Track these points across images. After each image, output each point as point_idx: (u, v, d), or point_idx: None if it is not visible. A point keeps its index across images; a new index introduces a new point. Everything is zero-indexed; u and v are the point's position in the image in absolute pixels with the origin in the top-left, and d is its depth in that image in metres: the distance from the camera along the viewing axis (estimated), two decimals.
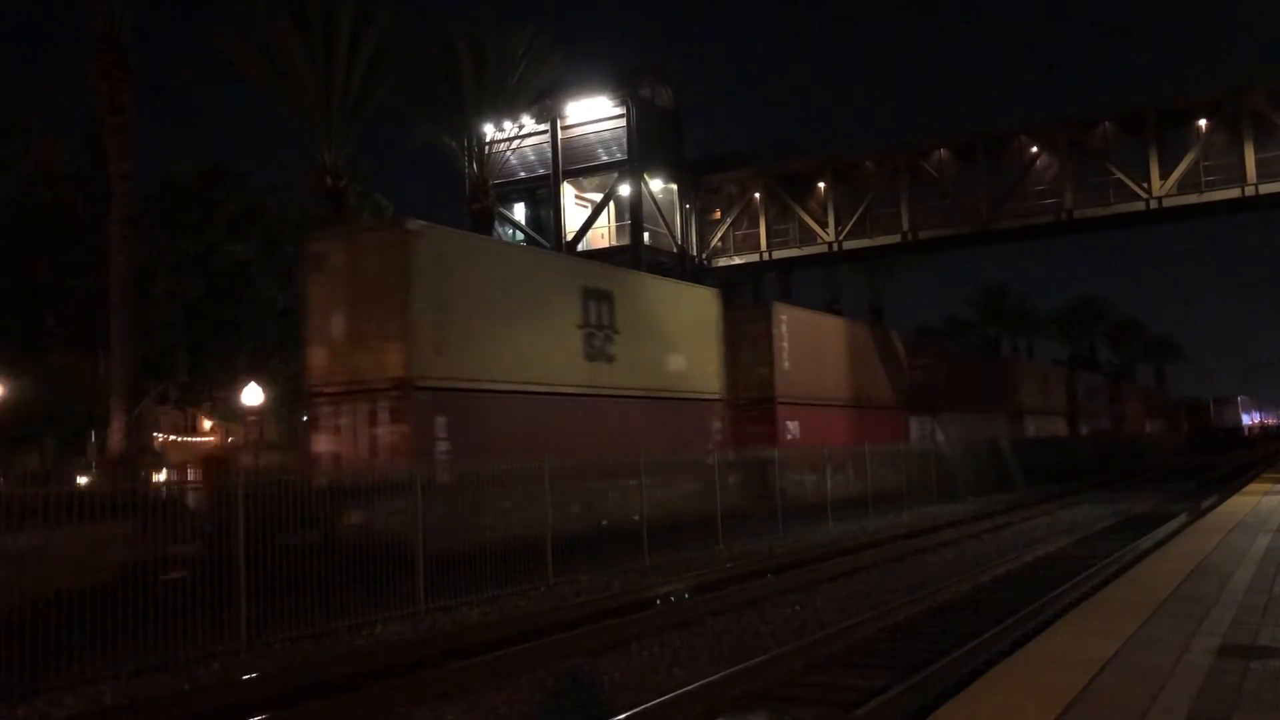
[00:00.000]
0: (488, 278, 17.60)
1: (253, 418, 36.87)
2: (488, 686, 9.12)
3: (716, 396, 23.92)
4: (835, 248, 38.83)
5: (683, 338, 23.11)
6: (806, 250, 39.64)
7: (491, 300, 17.51)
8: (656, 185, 39.52)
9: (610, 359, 20.28)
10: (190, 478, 22.22)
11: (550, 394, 18.39)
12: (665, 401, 21.87)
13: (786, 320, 26.71)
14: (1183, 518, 21.67)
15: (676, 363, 22.63)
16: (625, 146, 38.28)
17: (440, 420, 15.98)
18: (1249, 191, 32.90)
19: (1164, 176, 33.87)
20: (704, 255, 40.93)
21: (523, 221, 40.81)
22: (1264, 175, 32.68)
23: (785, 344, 26.21)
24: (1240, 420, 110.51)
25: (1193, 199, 33.87)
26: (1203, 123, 33.77)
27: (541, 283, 19.25)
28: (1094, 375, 73.30)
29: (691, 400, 22.95)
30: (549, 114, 37.82)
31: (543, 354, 18.48)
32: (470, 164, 32.52)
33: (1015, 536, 21.04)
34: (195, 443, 52.84)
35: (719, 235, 40.93)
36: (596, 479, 18.16)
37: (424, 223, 16.81)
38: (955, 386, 39.31)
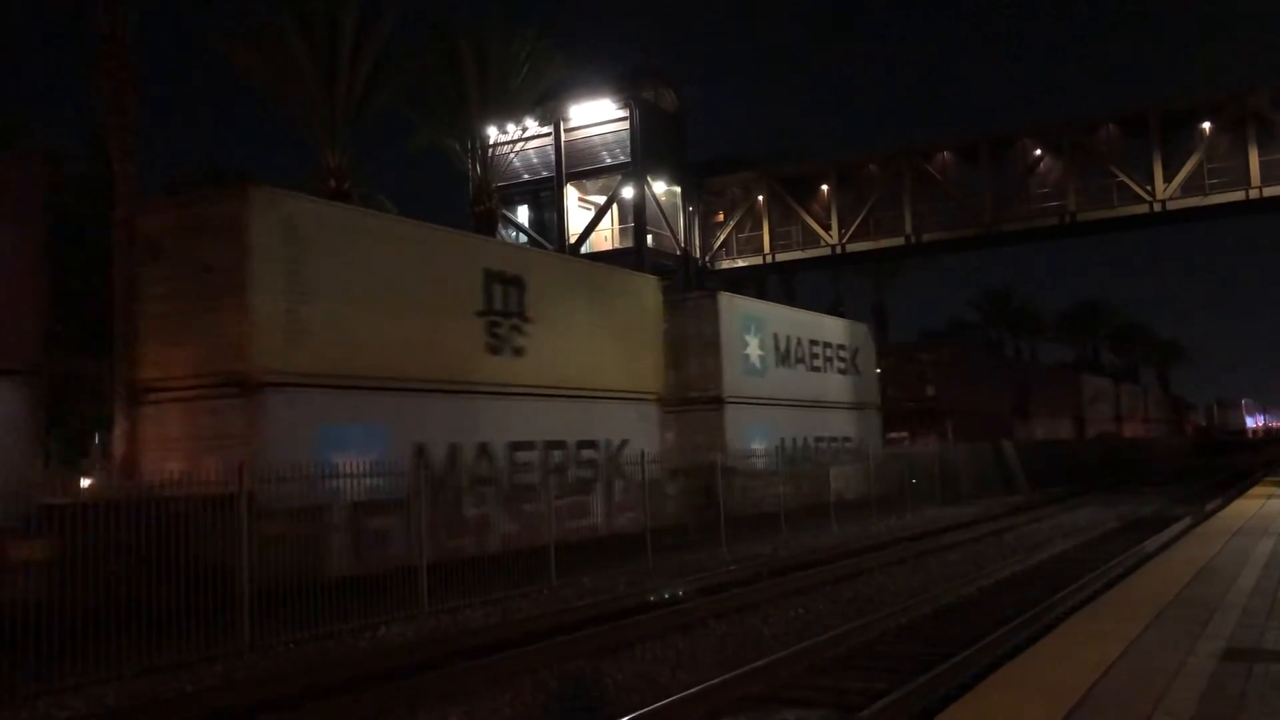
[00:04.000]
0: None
1: None
2: (490, 689, 9.12)
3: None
4: (838, 250, 38.89)
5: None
6: (810, 253, 39.71)
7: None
8: (660, 188, 39.56)
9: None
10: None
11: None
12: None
13: None
14: (1186, 521, 21.60)
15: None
16: (628, 149, 38.36)
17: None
18: (1253, 194, 32.91)
19: (1168, 179, 33.88)
20: (707, 258, 40.96)
21: (526, 224, 40.87)
22: (1268, 178, 32.67)
23: None
24: (1244, 423, 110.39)
25: (1197, 201, 33.89)
26: (1206, 125, 33.76)
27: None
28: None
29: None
30: (552, 116, 37.87)
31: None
32: (473, 166, 32.49)
33: (1016, 540, 21.03)
34: None
35: (722, 238, 40.97)
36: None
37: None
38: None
